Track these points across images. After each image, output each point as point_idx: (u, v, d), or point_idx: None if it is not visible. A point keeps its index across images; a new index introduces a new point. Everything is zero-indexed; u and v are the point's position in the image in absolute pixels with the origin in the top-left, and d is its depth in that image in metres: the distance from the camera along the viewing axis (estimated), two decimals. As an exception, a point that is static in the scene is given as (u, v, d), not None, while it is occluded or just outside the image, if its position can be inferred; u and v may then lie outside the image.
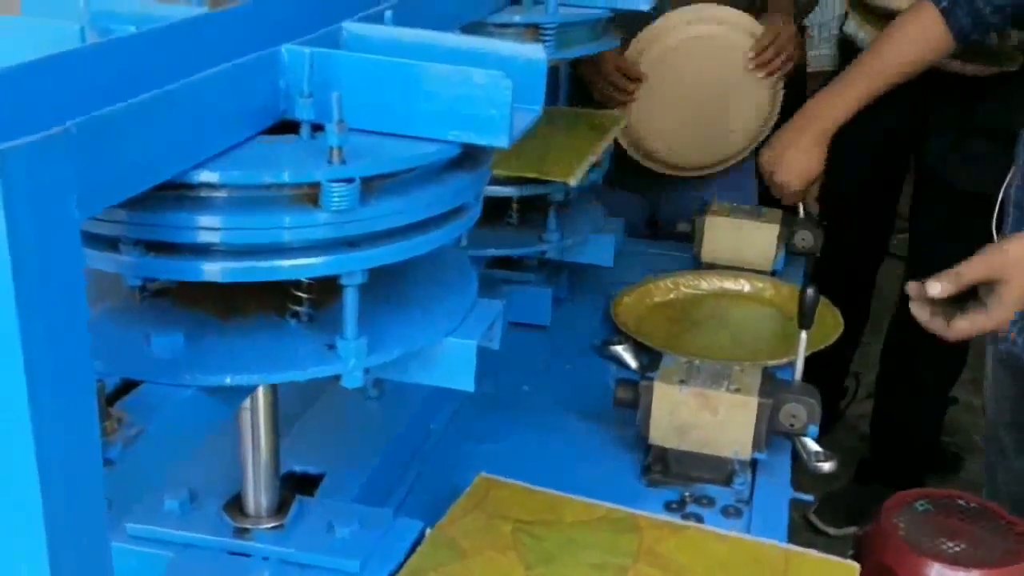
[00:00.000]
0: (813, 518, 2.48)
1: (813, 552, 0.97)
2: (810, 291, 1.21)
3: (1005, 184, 1.42)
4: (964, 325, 1.13)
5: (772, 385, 1.19)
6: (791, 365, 1.29)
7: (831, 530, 2.43)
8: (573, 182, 1.36)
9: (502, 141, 0.77)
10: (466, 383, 0.84)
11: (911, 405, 2.45)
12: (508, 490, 1.04)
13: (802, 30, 2.59)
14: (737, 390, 1.17)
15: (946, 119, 2.18)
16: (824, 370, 2.74)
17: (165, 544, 0.94)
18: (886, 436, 2.54)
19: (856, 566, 0.95)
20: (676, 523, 1.02)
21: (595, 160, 1.47)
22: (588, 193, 1.65)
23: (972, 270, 1.11)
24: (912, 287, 1.17)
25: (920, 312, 1.16)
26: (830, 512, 2.47)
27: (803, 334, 1.22)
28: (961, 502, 1.39)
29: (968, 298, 1.14)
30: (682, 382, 1.18)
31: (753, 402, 1.15)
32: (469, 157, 0.83)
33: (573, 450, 1.27)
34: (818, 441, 1.25)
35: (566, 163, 1.40)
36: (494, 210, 1.53)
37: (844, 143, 2.11)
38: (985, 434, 1.65)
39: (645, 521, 1.00)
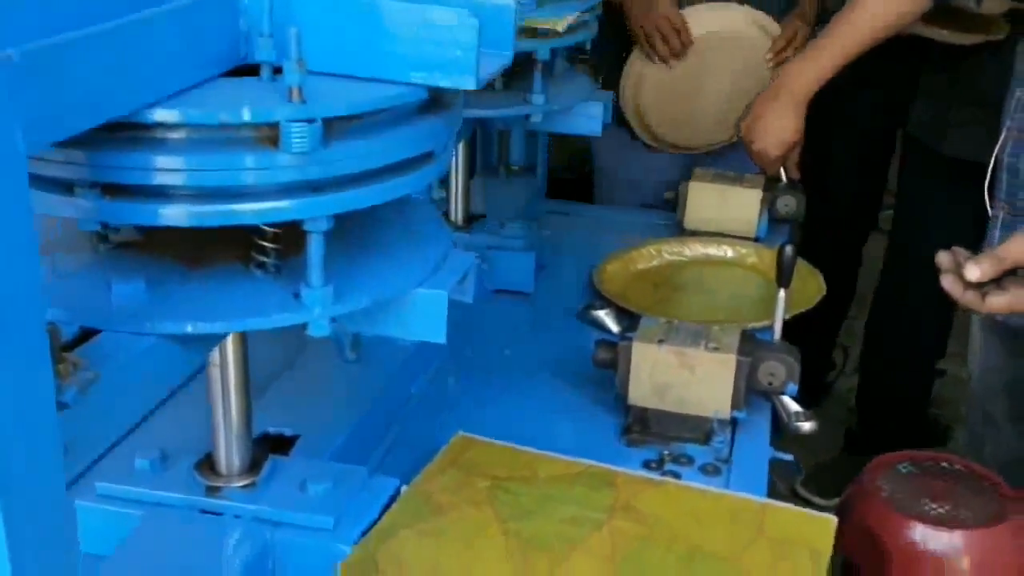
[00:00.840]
0: (800, 489, 2.48)
1: (790, 505, 0.97)
2: (788, 249, 1.20)
3: (996, 149, 1.40)
4: (1002, 302, 1.09)
5: (751, 344, 1.18)
6: (770, 328, 1.29)
7: (818, 500, 2.42)
8: (561, 28, 1.33)
9: (468, 83, 0.75)
10: (437, 335, 0.83)
11: (896, 377, 2.45)
12: (485, 448, 1.03)
13: None
14: (715, 348, 1.16)
15: (934, 88, 2.16)
16: (812, 343, 2.73)
17: (135, 503, 0.92)
18: (872, 408, 2.54)
19: (833, 519, 0.94)
20: (653, 478, 1.01)
21: (584, 11, 1.42)
22: (575, 63, 1.62)
23: (1015, 252, 1.07)
24: (944, 259, 1.11)
25: (953, 287, 1.11)
26: (818, 483, 2.48)
27: (782, 292, 1.21)
28: (945, 464, 1.39)
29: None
30: (661, 341, 1.17)
31: (731, 360, 1.15)
32: (438, 101, 0.81)
33: (553, 412, 1.26)
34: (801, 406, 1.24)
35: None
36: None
37: (835, 117, 2.11)
38: (969, 406, 1.64)
39: (622, 477, 0.99)
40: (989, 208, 1.42)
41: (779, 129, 1.67)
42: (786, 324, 1.42)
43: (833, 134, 2.38)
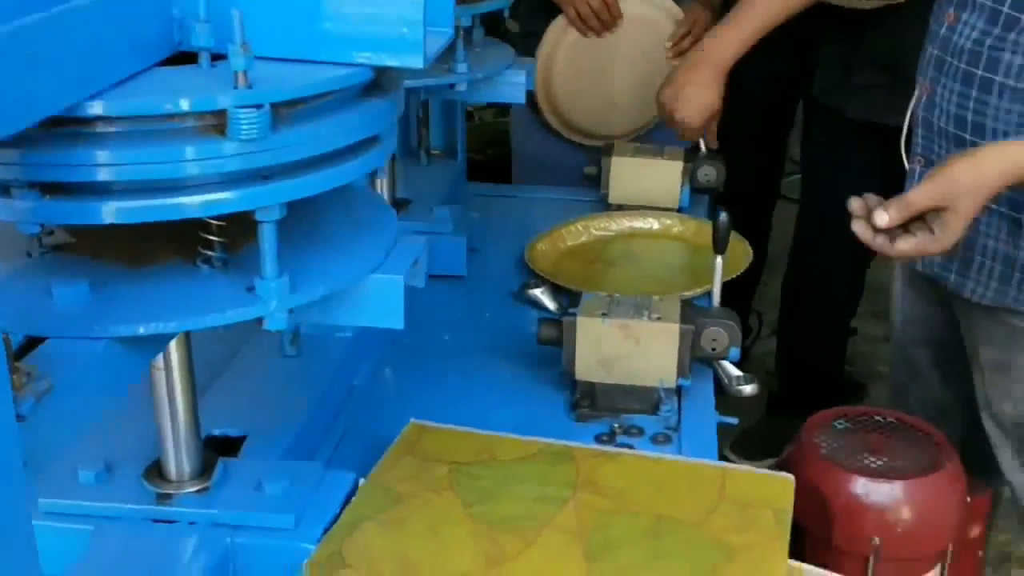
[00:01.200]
0: (729, 454, 2.52)
1: (747, 467, 0.98)
2: (723, 216, 1.21)
3: (911, 104, 1.44)
4: (909, 247, 1.12)
5: (691, 311, 1.19)
6: (705, 295, 1.30)
7: (746, 464, 2.48)
8: None
9: (416, 61, 0.74)
10: (395, 321, 0.81)
11: (813, 338, 2.51)
12: (440, 434, 1.02)
13: None
14: (658, 318, 1.17)
15: (835, 51, 2.21)
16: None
17: (83, 518, 0.88)
18: (792, 370, 2.60)
19: (791, 478, 0.96)
20: (610, 451, 1.01)
21: None
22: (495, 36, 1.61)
23: (921, 198, 1.11)
24: (856, 206, 1.15)
25: (864, 232, 1.14)
26: (745, 447, 2.53)
27: (719, 259, 1.22)
28: (878, 418, 1.43)
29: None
30: (604, 315, 1.18)
31: (675, 329, 1.16)
32: (380, 84, 0.79)
33: (500, 393, 1.25)
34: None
35: None
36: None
37: (738, 86, 2.14)
38: (892, 357, 1.68)
39: (580, 452, 0.99)
40: (906, 162, 1.46)
41: (701, 99, 1.68)
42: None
43: (734, 103, 2.42)
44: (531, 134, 2.22)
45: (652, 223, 1.71)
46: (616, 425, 1.16)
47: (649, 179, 1.73)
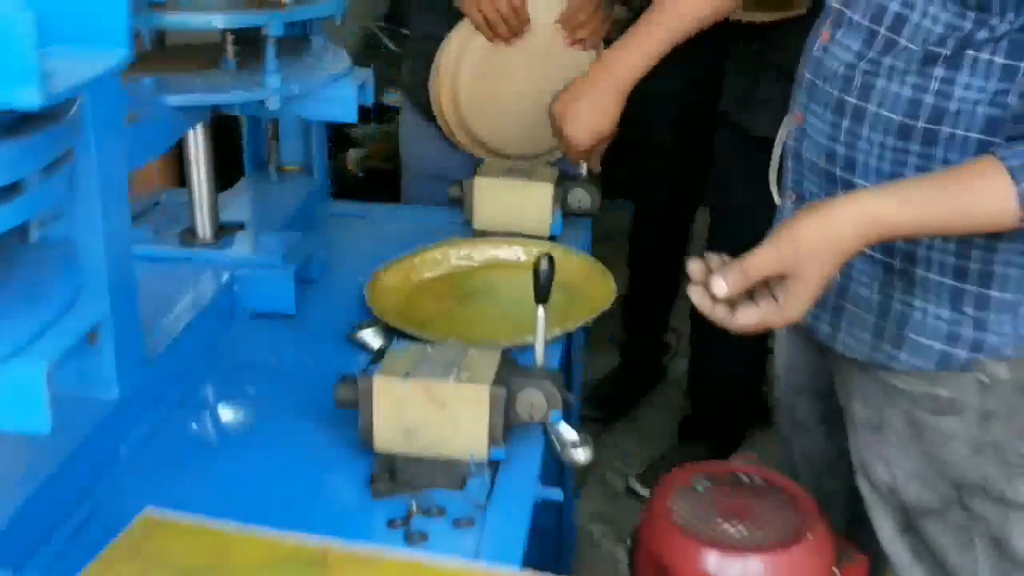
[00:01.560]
0: (634, 484, 2.40)
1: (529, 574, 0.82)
2: (544, 264, 1.05)
3: (782, 134, 1.30)
4: (750, 320, 0.98)
5: (509, 370, 1.03)
6: (564, 337, 1.14)
7: (648, 495, 2.33)
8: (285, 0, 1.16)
9: (30, 98, 0.57)
10: (36, 424, 0.65)
11: (725, 360, 2.38)
12: (174, 530, 0.85)
13: None
14: (468, 378, 1.01)
15: (742, 64, 2.09)
16: (644, 327, 2.66)
17: None
18: (704, 392, 2.47)
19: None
20: (371, 554, 0.85)
21: None
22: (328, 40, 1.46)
23: (760, 264, 0.96)
24: (694, 268, 1.00)
25: (702, 301, 0.99)
26: (653, 476, 2.39)
27: (540, 310, 1.06)
28: (743, 476, 1.29)
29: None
30: (407, 373, 1.01)
31: (484, 391, 1.00)
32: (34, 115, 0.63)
33: (296, 462, 1.08)
34: (636, 400, 1.09)
35: None
36: (208, 54, 1.30)
37: (652, 94, 1.99)
38: (780, 404, 1.54)
39: (337, 556, 0.83)
40: (777, 198, 1.31)
41: (595, 117, 1.51)
42: (620, 308, 1.28)
43: (654, 112, 2.27)
44: (423, 143, 2.04)
45: (518, 253, 1.55)
46: (414, 505, 0.99)
47: (516, 203, 1.57)
